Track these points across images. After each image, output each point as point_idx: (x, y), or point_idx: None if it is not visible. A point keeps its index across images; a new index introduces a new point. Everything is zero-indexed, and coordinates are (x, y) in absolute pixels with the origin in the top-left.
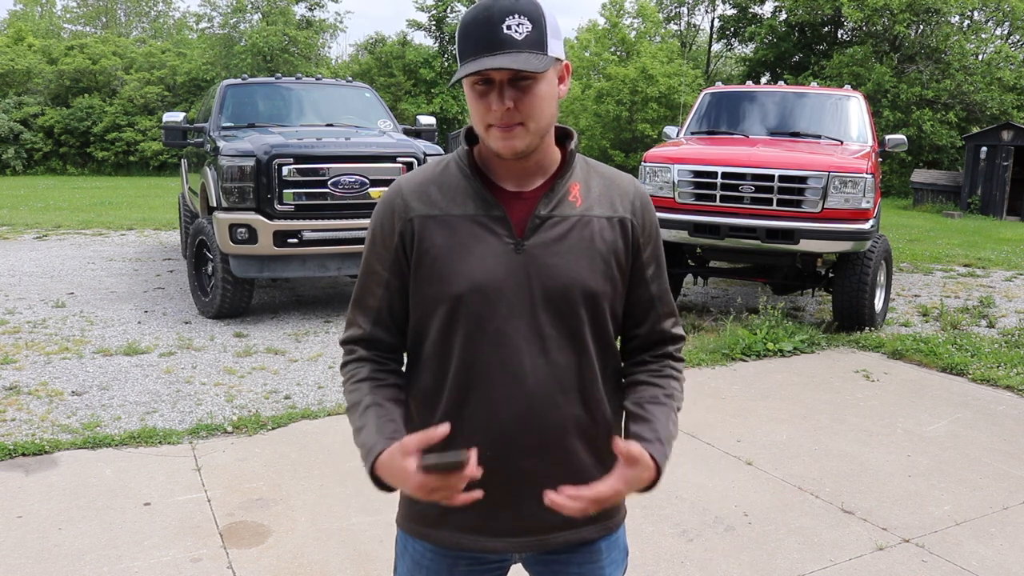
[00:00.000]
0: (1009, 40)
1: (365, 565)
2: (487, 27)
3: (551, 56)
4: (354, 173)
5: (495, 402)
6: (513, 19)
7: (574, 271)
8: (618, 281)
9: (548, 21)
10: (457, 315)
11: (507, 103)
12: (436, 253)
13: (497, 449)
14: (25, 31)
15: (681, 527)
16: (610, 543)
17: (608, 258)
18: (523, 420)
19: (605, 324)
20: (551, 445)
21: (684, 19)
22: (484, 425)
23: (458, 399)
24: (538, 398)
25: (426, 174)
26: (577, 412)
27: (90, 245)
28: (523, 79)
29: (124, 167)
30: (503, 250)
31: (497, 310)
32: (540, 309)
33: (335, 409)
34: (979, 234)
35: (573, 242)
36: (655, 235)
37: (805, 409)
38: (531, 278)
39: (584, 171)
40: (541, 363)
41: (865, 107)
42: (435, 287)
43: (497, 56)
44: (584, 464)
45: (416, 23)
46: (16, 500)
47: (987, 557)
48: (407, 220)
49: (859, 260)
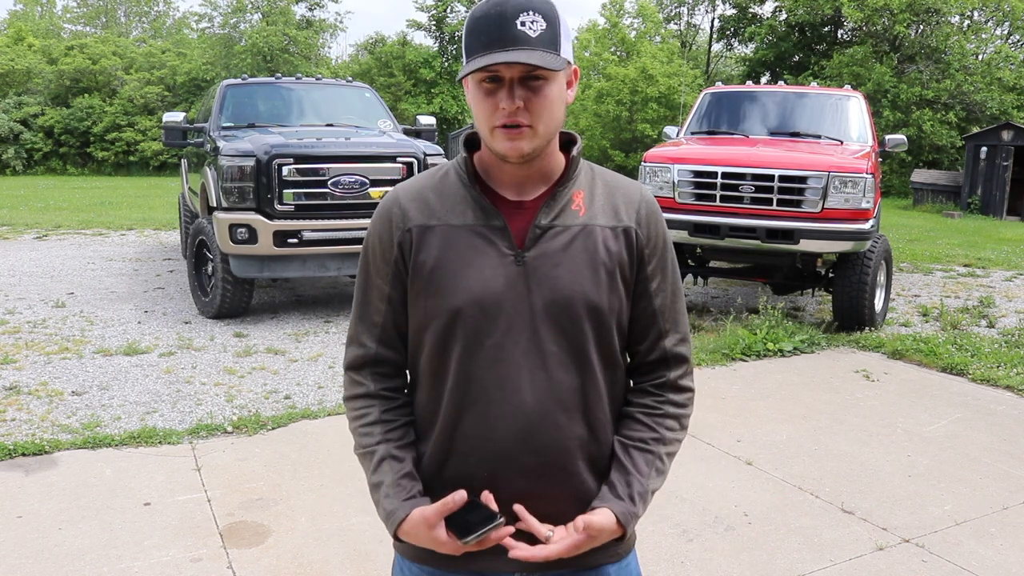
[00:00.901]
0: (1009, 40)
1: (365, 565)
2: (500, 22)
3: (564, 58)
4: (354, 173)
5: (492, 420)
6: (528, 15)
7: (576, 283)
8: (623, 294)
9: (562, 21)
10: (454, 329)
11: (517, 102)
12: (433, 264)
13: (494, 469)
14: (25, 31)
15: (681, 527)
16: (619, 568)
17: (612, 269)
18: (521, 440)
19: (611, 340)
20: (551, 466)
21: (684, 19)
22: (480, 444)
23: (454, 417)
24: (537, 417)
25: (424, 182)
26: (580, 432)
27: (90, 245)
28: (534, 79)
29: (124, 167)
30: (502, 262)
31: (496, 324)
32: (541, 323)
33: (335, 409)
34: (979, 234)
35: (575, 253)
36: (662, 245)
37: (805, 409)
38: (531, 291)
39: (588, 178)
40: (541, 380)
41: (865, 107)
42: (431, 300)
43: (511, 51)
44: (587, 486)
45: (416, 23)
46: (16, 500)
47: (987, 557)
48: (405, 230)
49: (859, 260)
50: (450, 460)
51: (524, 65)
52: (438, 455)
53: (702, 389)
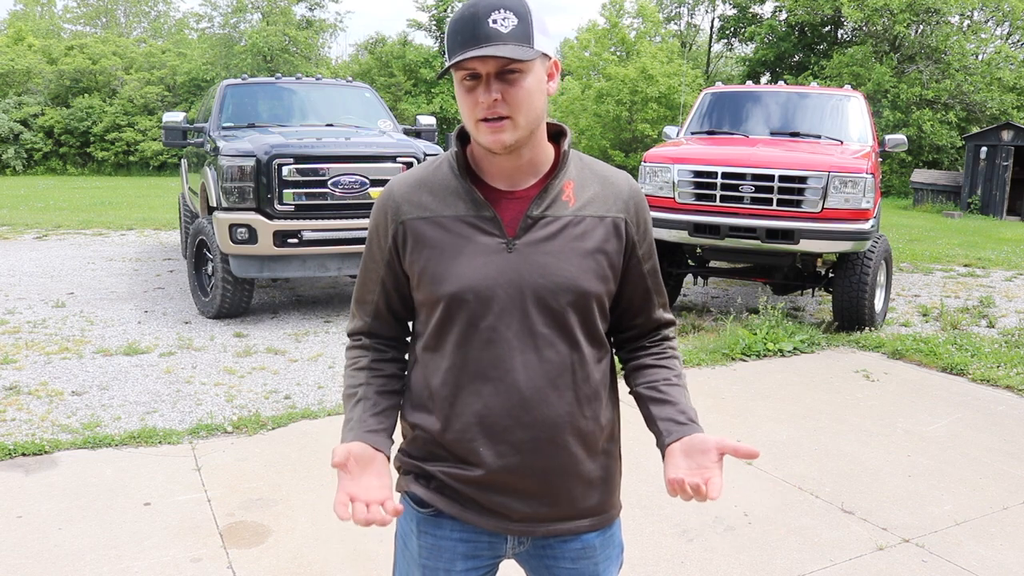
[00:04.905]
0: (1009, 40)
1: (365, 565)
2: (473, 22)
3: (537, 49)
4: (354, 173)
5: (487, 399)
6: (499, 13)
7: (565, 271)
8: (610, 280)
9: (534, 16)
10: (450, 315)
11: (494, 95)
12: (428, 255)
13: (489, 444)
14: (25, 31)
15: (681, 527)
16: (605, 539)
17: (600, 258)
18: (514, 416)
19: (595, 321)
20: (542, 440)
21: (684, 19)
22: (476, 421)
23: (451, 397)
24: (530, 394)
25: (417, 175)
26: (570, 408)
27: (90, 245)
28: (509, 72)
29: (124, 167)
30: (494, 250)
31: (489, 309)
32: (531, 308)
33: (335, 409)
34: (979, 234)
35: (565, 242)
36: (649, 231)
37: (805, 409)
38: (522, 277)
39: (578, 169)
40: (533, 360)
41: (865, 107)
42: (427, 288)
43: (483, 47)
44: (577, 459)
45: (416, 23)
46: (16, 500)
47: (987, 557)
48: (399, 223)
49: (859, 260)
50: (447, 438)
51: (495, 59)
52: (438, 431)
53: (702, 389)
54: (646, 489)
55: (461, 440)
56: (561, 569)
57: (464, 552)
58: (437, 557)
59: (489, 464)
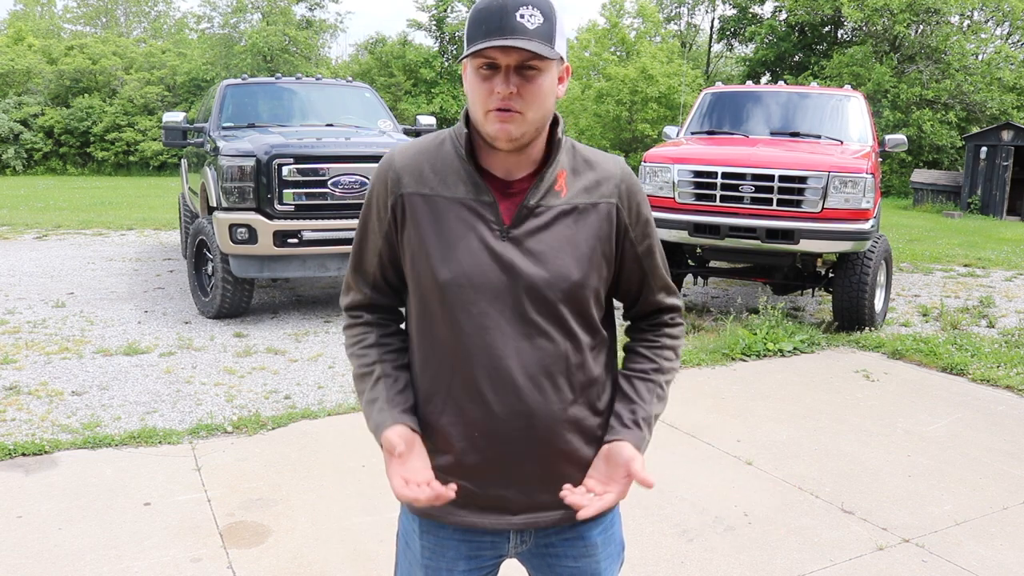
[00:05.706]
0: (1009, 40)
1: (365, 565)
2: (500, 13)
3: (557, 51)
4: (354, 173)
5: (479, 385)
6: (527, 9)
7: (558, 260)
8: (603, 267)
9: (559, 20)
10: (442, 299)
11: (512, 87)
12: (423, 235)
13: (484, 432)
14: (25, 31)
15: (681, 527)
16: (606, 537)
17: (593, 245)
18: (507, 404)
19: (590, 311)
20: (537, 429)
21: (684, 19)
22: (467, 408)
23: (442, 382)
24: (522, 382)
25: (420, 148)
26: (563, 397)
27: (90, 245)
28: (529, 68)
29: (124, 167)
30: (489, 237)
31: (483, 296)
32: (524, 296)
33: (335, 409)
34: (979, 234)
35: (558, 231)
36: (644, 214)
37: (805, 409)
38: (516, 266)
39: (570, 157)
40: (526, 347)
41: (865, 107)
42: (420, 269)
43: (507, 39)
44: (573, 447)
45: (416, 23)
46: (16, 500)
47: (987, 557)
48: (398, 195)
49: (859, 260)
50: (438, 424)
51: (520, 52)
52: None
53: (702, 389)
54: (646, 489)
55: (454, 427)
56: (563, 567)
57: (466, 552)
58: (439, 557)
59: (483, 452)
